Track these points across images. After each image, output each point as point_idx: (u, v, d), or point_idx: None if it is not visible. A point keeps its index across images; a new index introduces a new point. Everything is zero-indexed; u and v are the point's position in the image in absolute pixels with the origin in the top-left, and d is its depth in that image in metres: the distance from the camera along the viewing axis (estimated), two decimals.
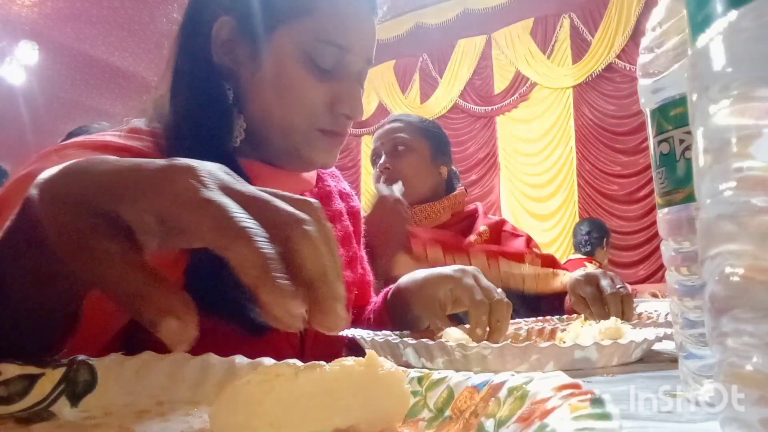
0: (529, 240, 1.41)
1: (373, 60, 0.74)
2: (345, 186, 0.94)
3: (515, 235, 1.42)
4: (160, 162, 0.31)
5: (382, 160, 1.44)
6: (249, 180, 0.65)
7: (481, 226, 1.41)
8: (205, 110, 0.66)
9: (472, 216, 1.47)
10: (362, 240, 0.94)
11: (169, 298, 0.28)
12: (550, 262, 1.32)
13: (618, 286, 0.93)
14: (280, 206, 0.31)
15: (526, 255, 1.30)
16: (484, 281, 0.72)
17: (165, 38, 0.72)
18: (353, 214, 0.90)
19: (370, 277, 0.94)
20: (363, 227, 0.95)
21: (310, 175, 0.81)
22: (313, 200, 0.33)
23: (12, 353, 0.36)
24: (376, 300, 0.86)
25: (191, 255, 0.61)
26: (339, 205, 0.87)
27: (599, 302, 0.94)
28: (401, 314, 0.80)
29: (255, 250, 0.27)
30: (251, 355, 0.59)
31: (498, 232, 1.42)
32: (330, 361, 0.38)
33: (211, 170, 0.32)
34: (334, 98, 0.69)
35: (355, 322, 0.88)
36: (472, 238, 1.36)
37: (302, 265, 0.29)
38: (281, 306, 0.27)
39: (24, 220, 0.34)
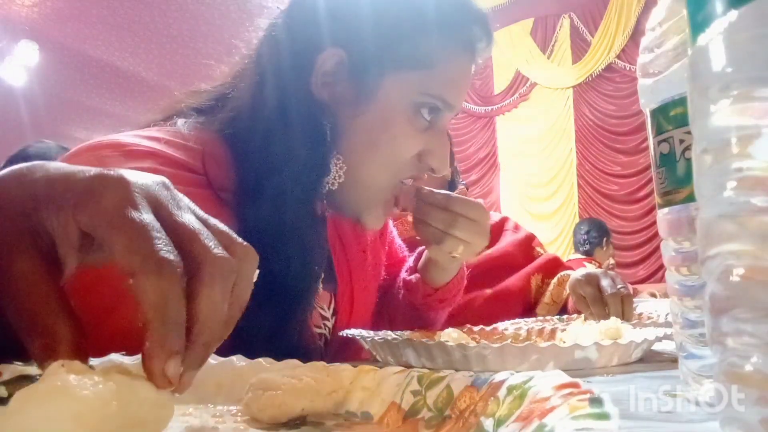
0: (531, 238, 1.37)
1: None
2: None
3: (515, 233, 1.38)
4: (93, 171, 0.30)
5: None
6: (322, 217, 0.62)
7: None
8: (302, 143, 0.61)
9: None
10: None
11: (59, 337, 0.26)
12: (554, 264, 1.29)
13: (619, 286, 0.93)
14: (205, 242, 0.28)
15: (532, 279, 1.25)
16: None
17: (173, 39, 0.69)
18: None
19: (404, 252, 0.94)
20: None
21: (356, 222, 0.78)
22: (252, 252, 0.31)
23: None
24: (409, 262, 0.87)
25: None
26: None
27: (599, 302, 0.94)
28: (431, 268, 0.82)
29: (156, 288, 0.26)
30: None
31: (499, 232, 1.38)
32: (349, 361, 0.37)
33: (148, 184, 0.30)
34: (425, 151, 0.66)
35: (389, 296, 0.88)
36: None
37: (192, 311, 0.27)
38: (157, 361, 0.26)
39: None
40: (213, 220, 0.31)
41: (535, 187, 5.87)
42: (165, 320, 0.26)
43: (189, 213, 0.30)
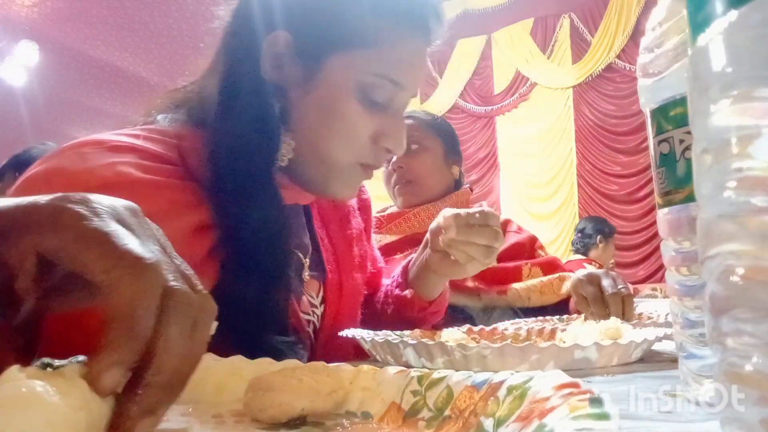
0: (533, 240, 1.37)
1: (417, 93, 0.73)
2: None
3: (518, 235, 1.38)
4: (55, 195, 0.29)
5: (394, 159, 1.35)
6: (279, 190, 0.64)
7: None
8: (251, 123, 0.63)
9: None
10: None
11: None
12: (552, 266, 1.29)
13: (620, 287, 0.93)
14: (164, 273, 0.27)
15: (524, 267, 1.27)
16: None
17: (208, 37, 0.69)
18: (364, 207, 0.91)
19: (382, 263, 0.96)
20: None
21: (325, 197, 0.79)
22: (210, 301, 0.29)
23: None
24: (395, 274, 0.89)
25: (220, 278, 0.58)
26: (352, 200, 0.86)
27: (600, 302, 0.94)
28: (419, 275, 0.85)
29: (131, 291, 0.25)
30: None
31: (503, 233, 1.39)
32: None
33: (114, 206, 0.29)
34: (380, 132, 0.67)
35: (371, 310, 0.89)
36: None
37: (153, 336, 0.25)
38: (110, 370, 0.24)
39: None
40: (179, 259, 0.30)
41: (535, 187, 5.87)
42: (129, 330, 0.24)
43: (155, 243, 0.29)
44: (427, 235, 0.83)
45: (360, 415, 0.34)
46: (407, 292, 0.85)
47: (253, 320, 0.58)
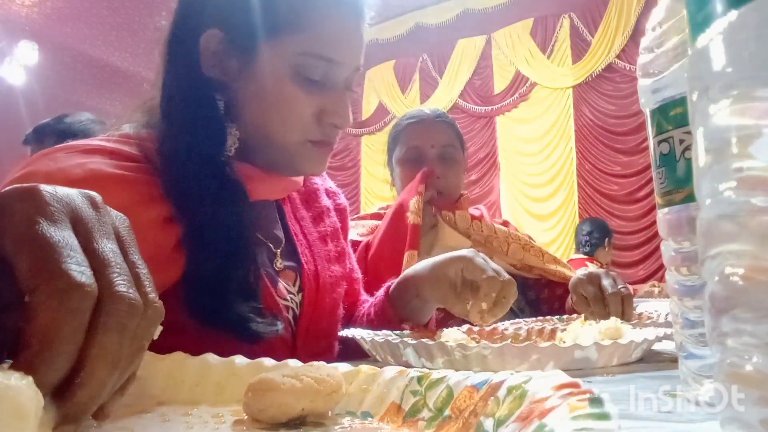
0: (529, 238, 1.37)
1: (361, 66, 0.74)
2: (331, 185, 0.96)
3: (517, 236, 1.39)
4: (9, 187, 0.28)
5: (425, 167, 1.27)
6: (242, 181, 0.67)
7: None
8: (195, 122, 0.67)
9: (476, 219, 1.40)
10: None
11: None
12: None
13: (620, 286, 0.93)
14: (112, 275, 0.26)
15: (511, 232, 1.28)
16: (493, 264, 0.74)
17: (156, 46, 0.73)
18: (340, 211, 0.92)
19: (359, 274, 0.96)
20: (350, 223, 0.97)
21: (297, 180, 0.83)
22: (159, 307, 0.29)
23: None
24: (378, 294, 0.87)
25: (188, 254, 0.62)
26: (326, 201, 0.90)
27: (600, 301, 0.94)
28: (406, 302, 0.81)
29: (54, 314, 0.24)
30: (244, 355, 0.61)
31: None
32: (323, 356, 0.37)
33: (71, 198, 0.28)
34: (323, 109, 0.70)
35: (351, 320, 0.89)
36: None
37: (87, 342, 0.25)
38: (41, 384, 0.23)
39: None
40: (136, 256, 0.29)
41: (535, 187, 5.87)
42: (46, 355, 0.24)
43: (110, 239, 0.28)
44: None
45: (360, 415, 0.34)
46: (406, 325, 0.83)
47: (222, 295, 0.62)
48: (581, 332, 0.63)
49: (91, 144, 0.64)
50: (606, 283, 0.95)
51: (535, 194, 5.86)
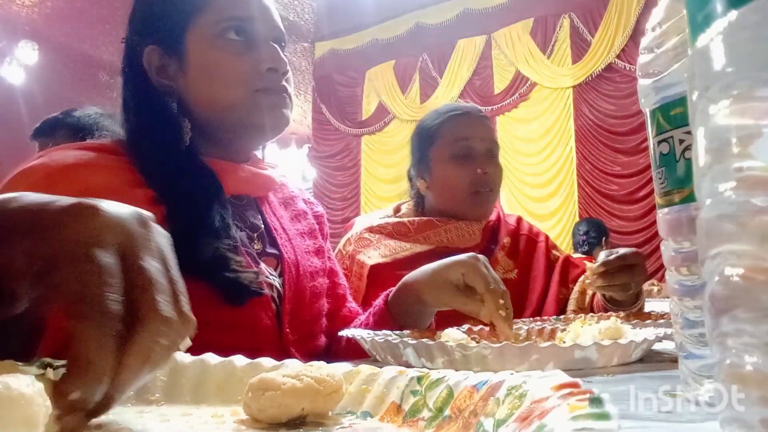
0: (547, 239, 1.33)
1: (282, 29, 0.82)
2: (308, 196, 1.01)
3: (535, 238, 1.32)
4: (68, 200, 0.31)
5: (479, 165, 1.20)
6: (215, 174, 0.76)
7: (505, 238, 1.29)
8: (153, 127, 0.76)
9: (496, 226, 1.31)
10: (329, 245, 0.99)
11: None
12: (568, 263, 1.28)
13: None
14: (155, 295, 0.30)
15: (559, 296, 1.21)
16: (493, 272, 0.75)
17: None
18: (317, 217, 0.97)
19: (344, 281, 0.97)
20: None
21: (274, 175, 0.88)
22: (192, 323, 0.32)
23: None
24: (376, 303, 0.87)
25: (172, 227, 0.65)
26: (303, 206, 0.95)
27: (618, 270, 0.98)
28: (406, 308, 0.82)
29: (94, 339, 0.27)
30: (230, 324, 0.64)
31: (516, 237, 1.31)
32: (309, 342, 0.37)
33: (122, 217, 0.31)
34: (256, 60, 0.77)
35: (339, 322, 0.89)
36: (499, 255, 1.25)
37: (126, 350, 0.28)
38: (73, 405, 0.27)
39: None
40: (175, 272, 0.32)
41: (535, 187, 5.87)
42: (92, 375, 0.27)
43: (155, 259, 0.31)
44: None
45: (360, 415, 0.34)
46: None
47: (199, 240, 0.68)
48: (581, 332, 0.63)
49: (81, 143, 0.76)
50: (622, 251, 1.00)
51: (535, 194, 5.86)
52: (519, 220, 1.37)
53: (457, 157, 1.20)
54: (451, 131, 1.22)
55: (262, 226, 0.84)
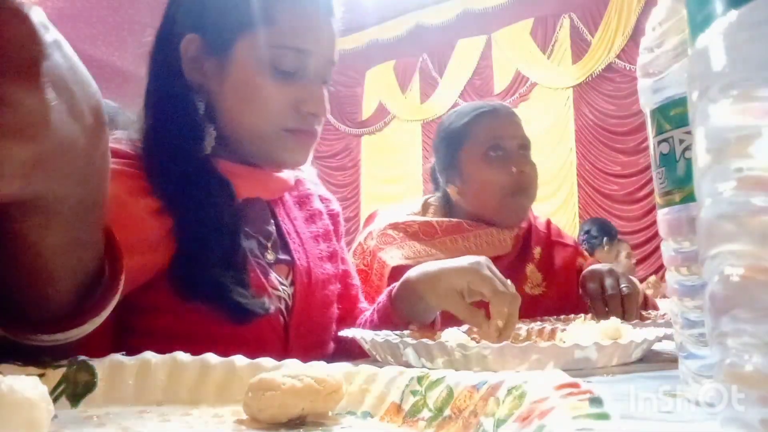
0: (576, 248, 1.28)
1: (335, 60, 0.77)
2: (324, 192, 0.97)
3: (565, 245, 1.26)
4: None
5: (515, 165, 1.14)
6: (230, 184, 0.73)
7: (536, 248, 1.22)
8: (176, 124, 0.71)
9: (527, 235, 1.24)
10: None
11: None
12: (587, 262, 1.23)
13: (622, 286, 0.92)
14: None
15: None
16: (499, 273, 0.73)
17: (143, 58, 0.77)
18: (332, 216, 0.94)
19: (357, 281, 0.95)
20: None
21: (288, 177, 0.84)
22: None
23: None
24: (380, 299, 0.87)
25: (178, 241, 0.65)
26: (319, 205, 0.92)
27: (600, 300, 0.93)
28: (410, 306, 0.81)
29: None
30: (234, 339, 0.64)
31: (548, 246, 1.23)
32: (317, 351, 0.38)
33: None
34: (298, 99, 0.73)
35: (350, 324, 0.88)
36: (528, 269, 1.19)
37: None
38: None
39: None
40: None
41: None
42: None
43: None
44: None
45: (360, 415, 0.34)
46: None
47: (206, 267, 0.66)
48: (581, 332, 0.63)
49: None
50: (607, 282, 0.94)
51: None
52: (548, 224, 1.30)
53: (491, 158, 1.13)
54: (480, 130, 1.16)
55: (275, 231, 0.81)
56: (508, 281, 0.72)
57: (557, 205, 5.71)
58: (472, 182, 1.16)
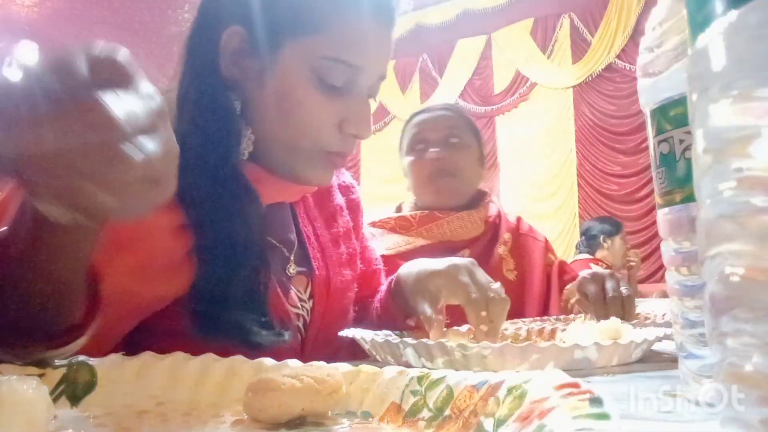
0: (546, 243, 1.34)
1: (386, 75, 0.72)
2: (346, 178, 0.92)
3: (535, 239, 1.33)
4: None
5: (432, 150, 1.24)
6: (254, 187, 0.67)
7: (505, 233, 1.30)
8: (211, 120, 0.64)
9: (497, 222, 1.33)
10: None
11: None
12: (564, 269, 1.29)
13: (621, 288, 0.93)
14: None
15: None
16: (480, 275, 0.71)
17: (174, 41, 0.71)
18: (353, 207, 0.89)
19: (378, 264, 0.93)
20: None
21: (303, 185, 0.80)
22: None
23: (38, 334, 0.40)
24: (381, 289, 0.86)
25: (198, 265, 0.61)
26: (339, 200, 0.86)
27: (601, 303, 0.94)
28: (403, 300, 0.80)
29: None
30: (252, 358, 0.61)
31: (517, 236, 1.32)
32: (331, 358, 0.38)
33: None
34: (343, 117, 0.67)
35: (363, 317, 0.88)
36: (500, 249, 1.26)
37: None
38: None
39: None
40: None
41: (535, 187, 5.87)
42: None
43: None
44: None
45: (360, 415, 0.34)
46: (410, 321, 0.82)
47: (226, 306, 0.60)
48: (581, 332, 0.63)
49: None
50: (609, 285, 0.95)
51: (535, 194, 5.86)
52: (519, 219, 1.37)
53: (414, 150, 1.26)
54: (408, 129, 1.31)
55: (296, 239, 0.76)
56: (497, 284, 0.70)
57: (557, 205, 5.71)
58: (409, 176, 1.29)
